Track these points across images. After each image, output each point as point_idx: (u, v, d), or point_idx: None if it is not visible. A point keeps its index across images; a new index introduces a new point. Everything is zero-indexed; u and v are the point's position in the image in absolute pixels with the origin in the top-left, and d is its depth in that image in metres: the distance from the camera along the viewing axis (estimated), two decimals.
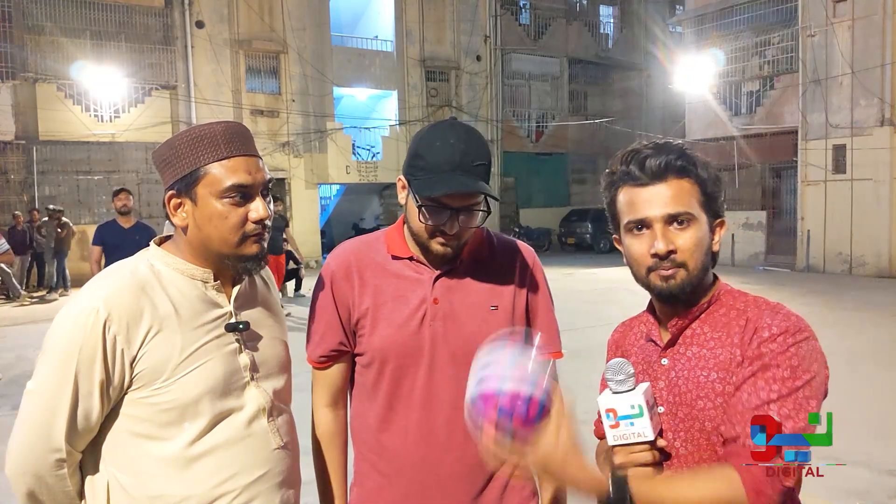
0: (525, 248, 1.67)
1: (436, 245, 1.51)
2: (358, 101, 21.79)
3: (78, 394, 1.29)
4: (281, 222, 10.96)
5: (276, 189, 18.62)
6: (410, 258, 1.57)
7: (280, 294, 13.19)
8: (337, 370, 1.62)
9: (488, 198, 1.52)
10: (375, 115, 20.97)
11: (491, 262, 1.61)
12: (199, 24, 17.60)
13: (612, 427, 1.27)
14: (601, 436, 1.51)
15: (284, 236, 10.88)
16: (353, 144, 20.28)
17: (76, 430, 1.31)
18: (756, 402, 1.17)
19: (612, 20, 27.24)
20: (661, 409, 1.32)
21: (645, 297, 1.42)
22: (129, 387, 1.32)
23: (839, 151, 15.00)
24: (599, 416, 1.52)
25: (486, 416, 1.16)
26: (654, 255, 1.27)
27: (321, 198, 20.81)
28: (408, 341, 1.53)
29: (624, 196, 1.33)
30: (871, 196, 14.49)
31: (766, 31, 16.68)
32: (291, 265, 12.84)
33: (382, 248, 1.60)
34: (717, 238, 1.33)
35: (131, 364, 1.31)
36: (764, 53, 16.80)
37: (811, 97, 15.43)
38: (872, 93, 14.33)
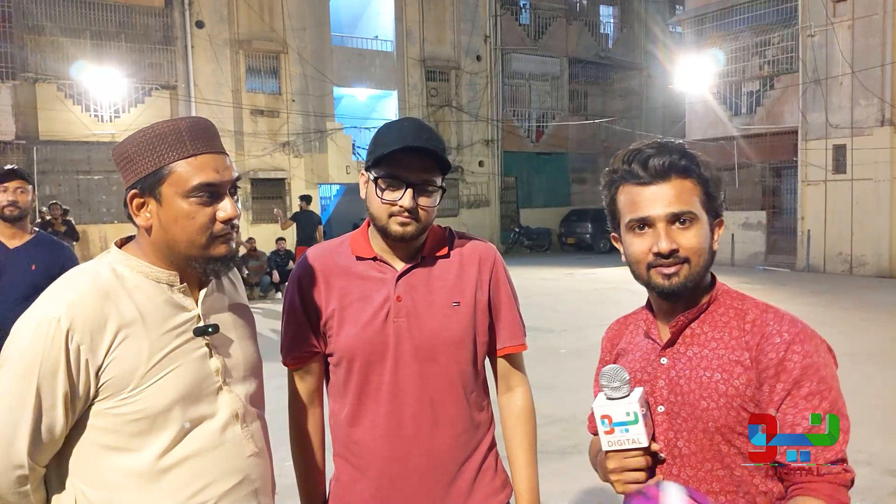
0: (486, 245, 1.72)
1: (394, 225, 1.55)
2: (358, 101, 21.78)
3: (41, 407, 1.22)
4: (316, 219, 11.95)
5: (276, 189, 18.81)
6: (374, 258, 1.62)
7: (280, 293, 13.25)
8: (310, 371, 1.67)
9: (443, 179, 1.58)
10: (375, 115, 20.95)
11: (452, 259, 1.66)
12: (199, 24, 17.60)
13: (607, 433, 1.27)
14: (595, 431, 1.53)
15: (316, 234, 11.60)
16: (354, 144, 20.27)
17: (39, 444, 1.24)
18: (807, 424, 1.21)
19: (612, 20, 27.23)
20: (661, 409, 1.33)
21: (645, 298, 1.43)
22: (94, 397, 1.26)
23: (839, 151, 15.00)
24: (592, 415, 1.55)
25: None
26: (657, 254, 1.28)
27: (321, 198, 20.81)
28: (373, 338, 1.58)
29: (625, 195, 1.33)
30: (872, 196, 14.49)
31: (766, 31, 16.67)
32: (291, 265, 12.87)
33: (347, 251, 1.66)
34: (716, 238, 1.34)
35: (97, 374, 1.24)
36: (764, 53, 16.79)
37: (811, 97, 15.43)
38: (872, 93, 14.33)
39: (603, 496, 3.94)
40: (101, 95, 15.90)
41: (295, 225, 11.99)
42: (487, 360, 1.72)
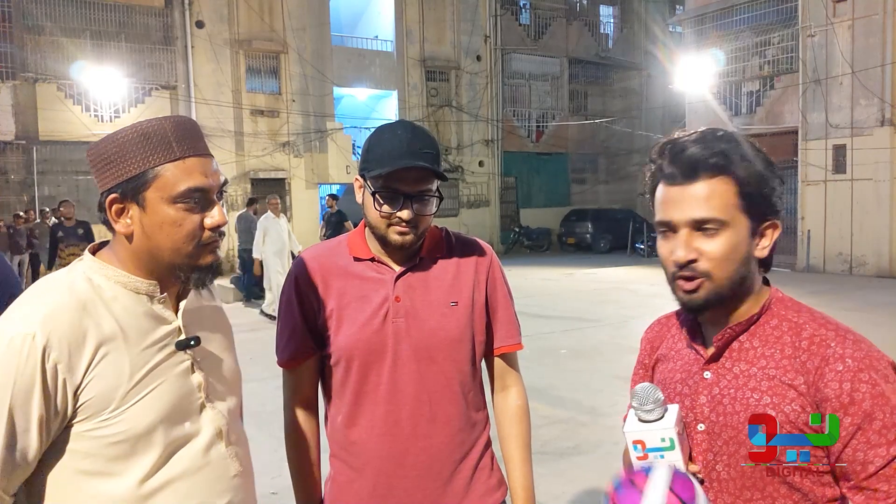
0: (483, 246, 1.75)
1: (393, 235, 1.56)
2: (358, 101, 21.79)
3: (14, 432, 1.11)
4: (342, 217, 12.30)
5: (276, 189, 18.83)
6: (372, 259, 1.64)
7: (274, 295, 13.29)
8: (305, 371, 1.67)
9: (439, 184, 1.59)
10: (375, 115, 20.95)
11: (449, 260, 1.68)
12: (199, 24, 17.60)
13: (640, 459, 1.17)
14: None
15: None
16: (354, 144, 20.26)
17: (10, 471, 1.13)
18: (881, 462, 1.09)
19: (612, 20, 27.24)
20: (701, 427, 1.23)
21: (646, 298, 1.41)
22: (71, 419, 1.16)
23: (839, 151, 14.99)
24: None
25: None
26: (675, 262, 1.18)
27: (321, 198, 20.80)
28: (372, 338, 1.59)
29: (658, 192, 1.22)
30: (872, 196, 14.49)
31: (766, 31, 16.67)
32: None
33: (345, 251, 1.66)
34: (765, 243, 1.21)
35: (75, 394, 1.14)
36: (764, 53, 16.78)
37: (811, 97, 15.43)
38: (872, 93, 14.33)
39: (603, 497, 3.94)
40: (101, 95, 15.90)
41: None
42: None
